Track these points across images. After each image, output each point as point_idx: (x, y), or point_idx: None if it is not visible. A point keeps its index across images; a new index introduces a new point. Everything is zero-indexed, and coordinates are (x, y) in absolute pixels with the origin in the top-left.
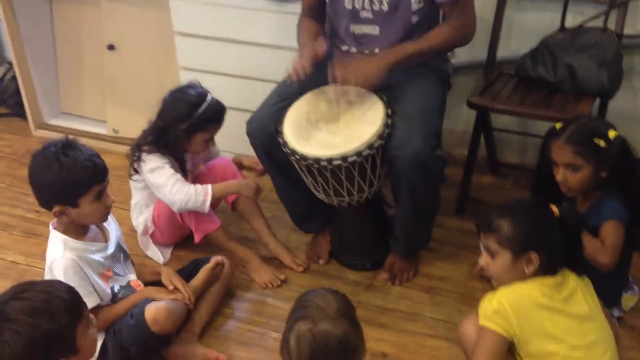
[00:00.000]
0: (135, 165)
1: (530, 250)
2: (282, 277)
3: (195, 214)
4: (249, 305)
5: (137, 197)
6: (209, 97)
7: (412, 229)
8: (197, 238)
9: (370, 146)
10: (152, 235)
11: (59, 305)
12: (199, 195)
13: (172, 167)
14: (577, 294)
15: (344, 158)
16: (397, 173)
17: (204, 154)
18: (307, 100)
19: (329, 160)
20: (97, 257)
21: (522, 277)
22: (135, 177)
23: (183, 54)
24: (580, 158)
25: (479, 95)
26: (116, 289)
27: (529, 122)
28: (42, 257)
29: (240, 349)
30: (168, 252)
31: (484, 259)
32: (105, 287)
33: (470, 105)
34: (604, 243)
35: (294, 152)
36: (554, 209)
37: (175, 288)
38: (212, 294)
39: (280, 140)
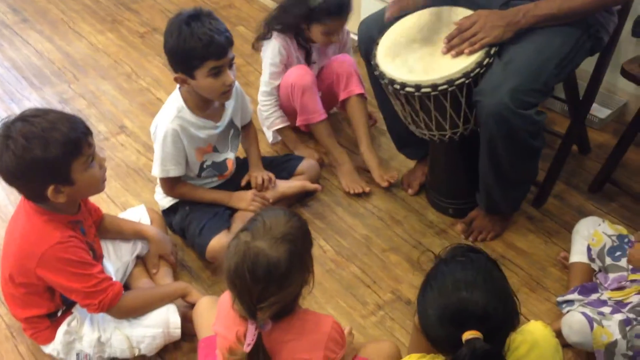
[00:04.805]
0: (261, 37)
1: None
2: (367, 189)
3: (303, 100)
4: (316, 206)
5: None
6: None
7: (492, 189)
8: (298, 121)
9: (449, 82)
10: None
11: (56, 137)
12: (266, 122)
13: (293, 54)
14: None
15: (417, 86)
16: (478, 120)
17: (334, 46)
18: (418, 16)
19: (402, 85)
20: (202, 134)
21: None
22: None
23: None
24: None
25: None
26: (206, 164)
27: None
28: None
29: None
30: (284, 119)
31: None
32: (196, 161)
33: (625, 74)
34: None
35: (376, 67)
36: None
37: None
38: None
39: (373, 52)
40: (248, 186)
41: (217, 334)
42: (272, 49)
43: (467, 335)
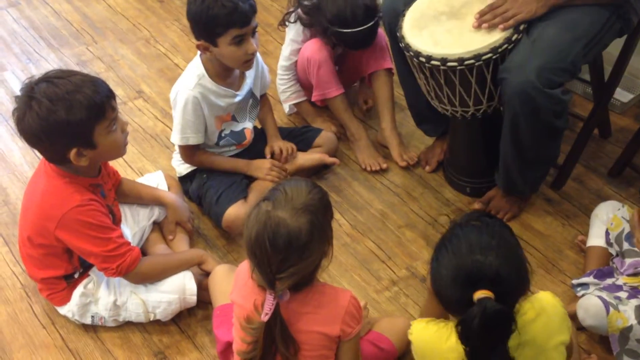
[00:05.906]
0: (286, 17)
1: None
2: (384, 165)
3: (319, 74)
4: (332, 179)
5: None
6: (362, 28)
7: (512, 168)
8: (313, 97)
9: (476, 56)
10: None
11: (80, 100)
12: (283, 95)
13: (324, 43)
14: None
15: (443, 60)
16: (502, 98)
17: None
18: None
19: (428, 58)
20: (222, 102)
21: None
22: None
23: None
24: None
25: None
26: (225, 132)
27: None
28: None
29: None
30: (301, 94)
31: None
32: (215, 130)
33: None
34: None
35: (402, 39)
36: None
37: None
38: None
39: (400, 23)
40: (271, 157)
41: (234, 303)
42: (297, 27)
43: (479, 294)
